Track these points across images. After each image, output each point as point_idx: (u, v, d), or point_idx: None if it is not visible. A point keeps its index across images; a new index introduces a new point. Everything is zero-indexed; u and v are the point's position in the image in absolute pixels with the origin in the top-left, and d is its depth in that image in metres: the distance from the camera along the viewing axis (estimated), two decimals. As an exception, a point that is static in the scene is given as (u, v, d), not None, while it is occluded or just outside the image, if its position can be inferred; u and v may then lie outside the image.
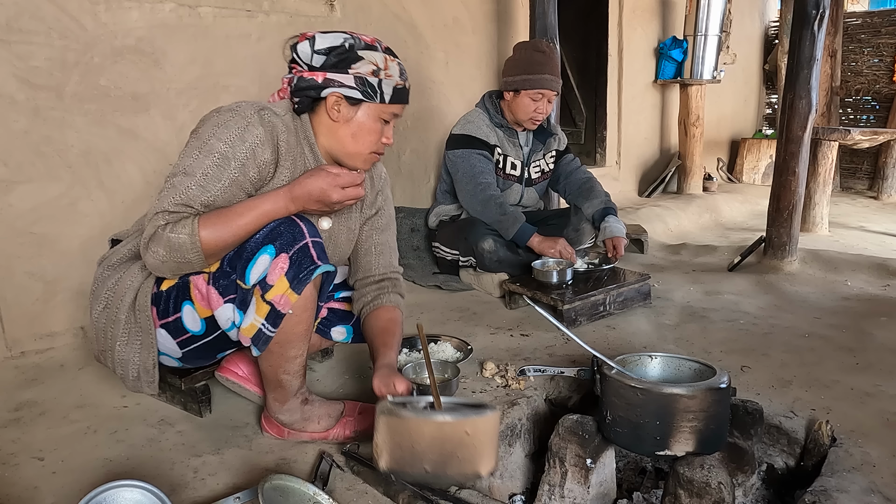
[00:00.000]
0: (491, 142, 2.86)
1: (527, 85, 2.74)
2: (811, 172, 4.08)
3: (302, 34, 1.52)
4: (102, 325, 1.58)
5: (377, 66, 1.50)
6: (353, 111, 1.52)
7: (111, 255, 1.61)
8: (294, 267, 1.39)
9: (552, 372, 1.86)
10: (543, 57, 2.76)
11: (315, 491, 1.30)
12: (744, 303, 2.75)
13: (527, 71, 2.75)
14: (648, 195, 5.33)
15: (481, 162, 2.81)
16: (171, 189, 1.39)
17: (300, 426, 1.63)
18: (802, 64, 3.07)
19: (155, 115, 2.45)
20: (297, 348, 1.51)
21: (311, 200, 1.44)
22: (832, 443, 1.60)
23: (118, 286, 1.56)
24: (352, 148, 1.55)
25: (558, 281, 2.61)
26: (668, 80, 5.34)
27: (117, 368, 1.59)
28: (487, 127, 2.87)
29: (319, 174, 1.45)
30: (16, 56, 2.11)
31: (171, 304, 1.53)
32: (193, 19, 2.52)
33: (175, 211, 1.37)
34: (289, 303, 1.39)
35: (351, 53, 1.49)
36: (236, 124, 1.43)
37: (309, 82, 1.49)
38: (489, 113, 2.90)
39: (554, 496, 1.51)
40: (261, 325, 1.42)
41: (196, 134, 1.45)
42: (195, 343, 1.59)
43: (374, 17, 3.23)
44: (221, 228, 1.38)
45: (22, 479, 1.50)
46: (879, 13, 6.36)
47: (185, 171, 1.40)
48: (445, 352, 2.14)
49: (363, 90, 1.49)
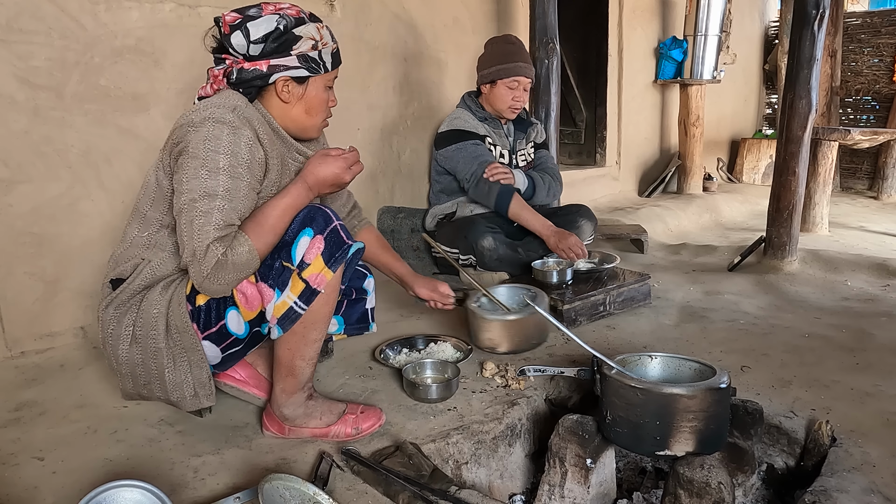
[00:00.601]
0: (480, 133, 2.90)
1: (502, 74, 2.80)
2: (811, 172, 4.08)
3: (223, 21, 1.52)
4: (138, 361, 1.55)
5: (314, 39, 1.54)
6: (301, 89, 1.57)
7: (120, 295, 1.54)
8: (329, 247, 1.47)
9: (552, 372, 1.86)
10: (514, 47, 2.84)
11: (315, 491, 1.30)
12: (744, 303, 2.75)
13: (500, 61, 2.81)
14: (648, 195, 5.33)
15: (478, 148, 2.85)
16: (205, 216, 1.38)
17: (302, 422, 1.63)
18: (802, 64, 3.07)
19: (155, 115, 2.45)
20: (319, 331, 1.55)
21: (327, 185, 1.56)
22: (832, 443, 1.60)
23: (142, 319, 1.52)
24: (308, 122, 1.63)
25: (558, 281, 2.61)
26: (668, 80, 5.34)
27: (171, 394, 1.56)
28: (474, 121, 2.91)
29: (326, 161, 1.55)
30: (16, 56, 2.11)
31: (213, 315, 1.52)
32: (193, 19, 2.52)
33: (224, 235, 1.39)
34: (324, 281, 1.46)
35: (288, 35, 1.51)
36: (224, 133, 1.43)
37: (254, 73, 1.51)
38: (471, 110, 2.94)
39: (554, 496, 1.51)
40: (293, 302, 1.47)
41: (188, 154, 1.42)
42: (237, 346, 1.60)
43: (374, 16, 3.23)
44: (264, 233, 1.45)
45: (22, 479, 1.50)
46: (879, 13, 6.36)
47: (206, 193, 1.39)
48: (445, 352, 2.14)
49: (308, 66, 1.54)
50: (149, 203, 1.57)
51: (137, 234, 1.58)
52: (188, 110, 1.49)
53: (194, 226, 1.38)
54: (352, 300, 1.85)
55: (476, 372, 2.01)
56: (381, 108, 3.36)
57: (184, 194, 1.41)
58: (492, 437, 1.71)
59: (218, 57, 1.57)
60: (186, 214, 1.40)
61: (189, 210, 1.40)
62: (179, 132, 1.46)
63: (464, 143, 2.85)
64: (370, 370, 2.06)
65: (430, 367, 1.99)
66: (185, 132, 1.45)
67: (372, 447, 1.59)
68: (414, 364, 1.96)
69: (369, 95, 3.27)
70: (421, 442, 1.60)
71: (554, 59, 3.49)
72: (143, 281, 1.54)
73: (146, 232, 1.57)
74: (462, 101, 3.01)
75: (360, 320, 1.88)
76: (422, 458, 1.51)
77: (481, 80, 2.90)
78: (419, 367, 1.97)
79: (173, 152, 1.48)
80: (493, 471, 1.72)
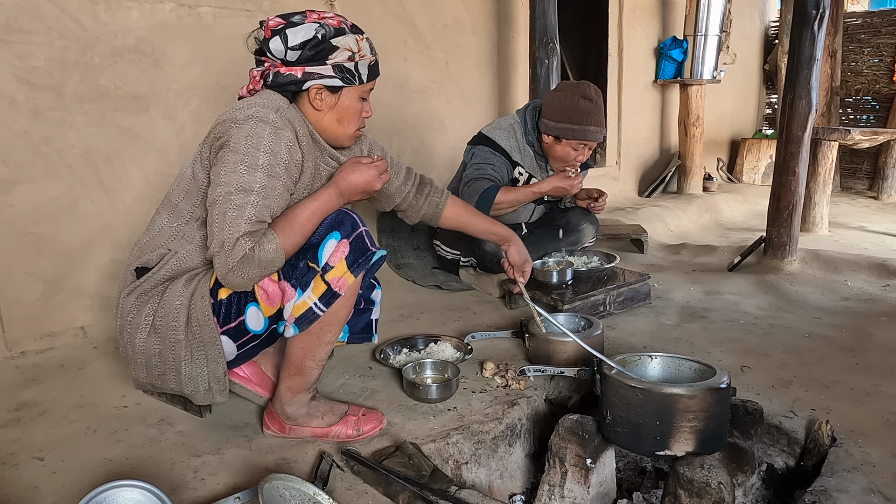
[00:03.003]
0: (514, 157, 2.74)
1: (570, 135, 2.59)
2: (811, 172, 4.08)
3: (266, 26, 1.53)
4: (155, 351, 1.55)
5: (352, 50, 1.54)
6: (334, 98, 1.58)
7: (143, 284, 1.55)
8: (353, 252, 1.49)
9: (552, 372, 1.86)
10: (590, 105, 2.58)
11: (315, 491, 1.30)
12: (744, 303, 2.75)
13: (571, 120, 2.57)
14: (648, 195, 5.33)
15: (494, 158, 2.71)
16: (238, 209, 1.39)
17: (303, 421, 1.64)
18: (802, 64, 3.07)
19: (155, 115, 2.45)
20: (333, 333, 1.56)
21: (357, 192, 1.58)
22: (832, 443, 1.60)
23: (163, 310, 1.53)
24: (339, 131, 1.63)
25: (558, 281, 2.61)
26: (668, 80, 5.34)
27: (186, 387, 1.57)
28: (516, 140, 2.75)
29: (359, 168, 1.57)
30: (16, 56, 2.11)
31: (234, 310, 1.53)
32: (193, 19, 2.52)
33: (254, 231, 1.40)
34: (346, 284, 1.48)
35: (325, 45, 1.52)
36: (266, 132, 1.44)
37: (288, 78, 1.52)
38: (526, 129, 2.75)
39: (554, 496, 1.51)
40: (313, 303, 1.48)
41: (229, 148, 1.44)
42: (253, 342, 1.61)
43: (375, 17, 3.24)
44: (293, 234, 1.46)
45: (22, 479, 1.50)
46: (879, 13, 6.36)
47: (242, 187, 1.40)
48: (445, 352, 2.14)
49: (343, 77, 1.55)
50: (182, 194, 1.58)
51: (167, 223, 1.59)
52: (231, 107, 1.51)
53: (227, 218, 1.39)
54: (359, 309, 1.84)
55: (476, 372, 2.01)
56: (381, 107, 3.35)
57: (220, 186, 1.42)
58: (492, 437, 1.71)
59: (258, 59, 1.58)
60: (220, 206, 1.41)
61: (223, 202, 1.40)
62: (222, 127, 1.48)
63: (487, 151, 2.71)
64: (370, 370, 2.06)
65: (430, 367, 1.99)
66: (227, 128, 1.47)
67: (372, 447, 1.59)
68: (414, 364, 1.96)
69: (369, 95, 3.27)
70: (421, 442, 1.60)
71: (554, 59, 3.49)
72: (168, 272, 1.55)
73: (175, 223, 1.58)
74: (523, 111, 2.80)
75: (364, 330, 1.88)
76: (422, 458, 1.51)
77: (545, 128, 2.65)
78: (419, 367, 1.97)
79: (214, 146, 1.50)
80: (493, 471, 1.72)
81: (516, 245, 2.05)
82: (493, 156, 2.72)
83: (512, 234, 2.06)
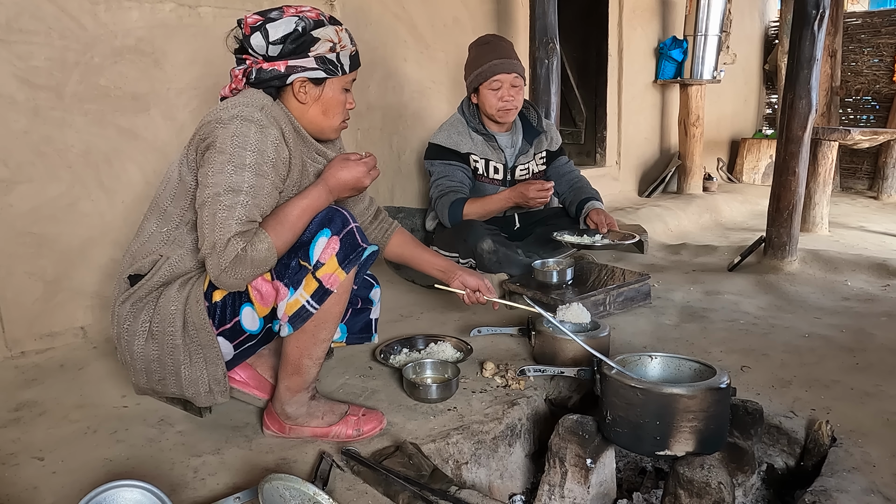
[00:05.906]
0: (462, 150, 2.80)
1: (480, 78, 2.68)
2: (811, 172, 4.08)
3: (245, 23, 1.53)
4: (154, 356, 1.55)
5: (332, 41, 1.55)
6: (318, 90, 1.58)
7: (137, 291, 1.54)
8: (344, 248, 1.49)
9: (552, 372, 1.86)
10: (488, 47, 2.70)
11: (315, 491, 1.30)
12: (744, 303, 2.75)
13: (475, 66, 2.70)
14: (648, 195, 5.33)
15: (448, 168, 2.78)
16: (228, 210, 1.39)
17: (303, 421, 1.64)
18: (802, 64, 3.06)
19: (155, 115, 2.45)
20: (328, 331, 1.56)
21: (346, 189, 1.60)
22: (832, 443, 1.60)
23: (159, 316, 1.52)
24: (325, 123, 1.64)
25: (558, 281, 2.61)
26: (668, 80, 5.33)
27: (187, 390, 1.57)
28: (459, 134, 2.81)
29: (348, 164, 1.58)
30: (16, 56, 2.11)
31: (229, 311, 1.53)
32: (193, 19, 2.52)
33: (245, 231, 1.40)
34: (337, 281, 1.48)
35: (306, 37, 1.53)
36: (252, 131, 1.44)
37: (271, 73, 1.53)
38: (466, 118, 2.84)
39: (554, 496, 1.51)
40: (305, 301, 1.48)
41: (216, 149, 1.44)
42: (250, 342, 1.61)
43: (374, 16, 3.24)
44: (284, 232, 1.47)
45: (22, 479, 1.50)
46: (879, 13, 6.35)
47: (231, 188, 1.40)
48: (445, 352, 2.14)
49: (325, 68, 1.55)
50: (170, 198, 1.58)
51: (156, 229, 1.58)
52: (215, 108, 1.51)
53: (217, 219, 1.39)
54: (357, 309, 1.84)
55: (476, 372, 2.01)
56: (381, 108, 3.36)
57: (208, 188, 1.42)
58: (492, 437, 1.71)
59: (239, 58, 1.59)
60: (210, 207, 1.41)
61: (213, 203, 1.41)
62: (207, 128, 1.48)
63: (439, 163, 2.80)
64: (370, 370, 2.06)
65: (430, 367, 1.99)
66: (212, 128, 1.47)
67: (372, 447, 1.59)
68: (414, 364, 1.96)
69: (369, 95, 3.27)
70: (421, 442, 1.60)
71: (554, 59, 3.49)
72: (161, 278, 1.54)
73: (165, 227, 1.58)
74: (460, 106, 2.92)
75: (363, 330, 1.88)
76: (422, 458, 1.51)
77: (468, 90, 2.79)
78: (419, 367, 1.98)
79: (200, 147, 1.50)
80: (493, 471, 1.72)
81: (462, 273, 1.97)
82: (445, 166, 2.79)
83: (454, 264, 2.00)
